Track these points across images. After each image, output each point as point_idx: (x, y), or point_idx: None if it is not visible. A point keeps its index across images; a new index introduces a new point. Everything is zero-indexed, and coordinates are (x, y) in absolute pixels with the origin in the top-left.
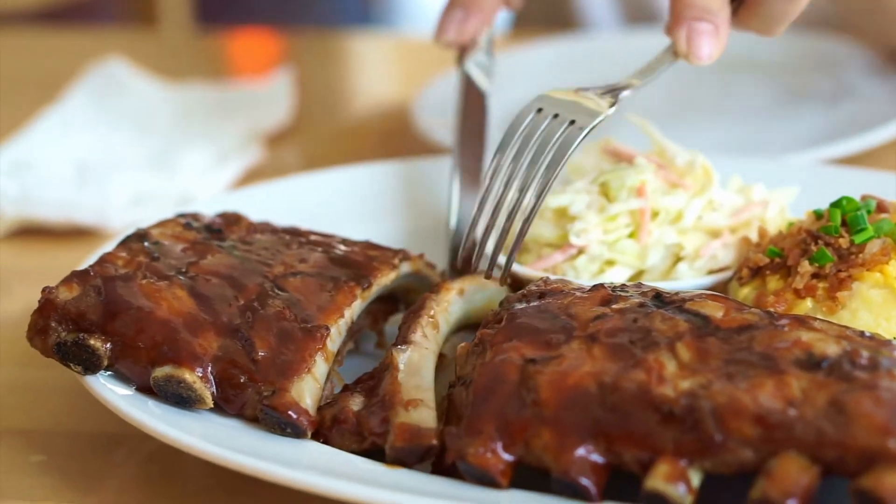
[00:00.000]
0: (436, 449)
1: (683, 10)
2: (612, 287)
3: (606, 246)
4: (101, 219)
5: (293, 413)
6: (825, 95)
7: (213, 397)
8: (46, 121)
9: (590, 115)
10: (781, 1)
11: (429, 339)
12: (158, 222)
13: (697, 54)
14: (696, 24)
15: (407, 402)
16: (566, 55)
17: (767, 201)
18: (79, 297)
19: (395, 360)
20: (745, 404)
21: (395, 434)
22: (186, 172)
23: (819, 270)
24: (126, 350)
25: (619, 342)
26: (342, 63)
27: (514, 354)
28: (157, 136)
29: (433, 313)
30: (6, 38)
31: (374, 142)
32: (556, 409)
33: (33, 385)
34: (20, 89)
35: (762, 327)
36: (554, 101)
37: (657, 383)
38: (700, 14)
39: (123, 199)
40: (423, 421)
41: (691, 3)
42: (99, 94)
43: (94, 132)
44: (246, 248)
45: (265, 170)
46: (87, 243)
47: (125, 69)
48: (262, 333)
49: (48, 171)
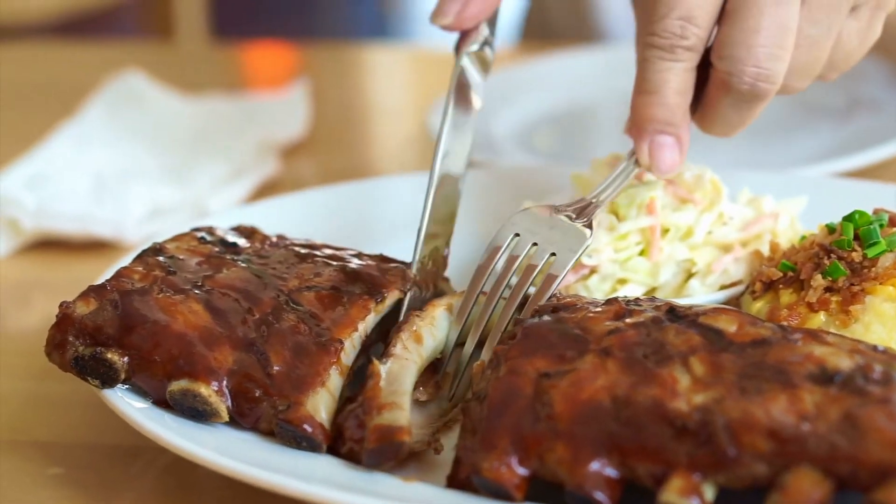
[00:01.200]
0: (408, 446)
1: (645, 124)
2: (626, 301)
3: (618, 264)
4: (119, 232)
5: (308, 427)
6: (839, 108)
7: (228, 411)
8: (64, 134)
9: (569, 248)
10: (735, 112)
11: (410, 350)
12: (174, 236)
13: (660, 167)
14: (658, 137)
15: (381, 406)
16: (588, 66)
17: (778, 213)
18: (96, 311)
19: (376, 369)
20: (759, 419)
21: (369, 437)
22: (203, 185)
23: (832, 284)
24: (143, 364)
25: (633, 356)
26: (358, 75)
27: (529, 369)
28: (173, 148)
29: (415, 328)
30: (24, 50)
31: (390, 154)
32: (571, 423)
33: (51, 398)
34: (38, 102)
35: (775, 342)
36: (530, 226)
37: (671, 397)
38: (662, 127)
39: (140, 212)
40: (394, 420)
41: (652, 116)
42: (116, 106)
43: (112, 145)
44: (261, 262)
45: (281, 182)
46: (105, 256)
47: (143, 82)
48: (277, 347)
49: (66, 183)
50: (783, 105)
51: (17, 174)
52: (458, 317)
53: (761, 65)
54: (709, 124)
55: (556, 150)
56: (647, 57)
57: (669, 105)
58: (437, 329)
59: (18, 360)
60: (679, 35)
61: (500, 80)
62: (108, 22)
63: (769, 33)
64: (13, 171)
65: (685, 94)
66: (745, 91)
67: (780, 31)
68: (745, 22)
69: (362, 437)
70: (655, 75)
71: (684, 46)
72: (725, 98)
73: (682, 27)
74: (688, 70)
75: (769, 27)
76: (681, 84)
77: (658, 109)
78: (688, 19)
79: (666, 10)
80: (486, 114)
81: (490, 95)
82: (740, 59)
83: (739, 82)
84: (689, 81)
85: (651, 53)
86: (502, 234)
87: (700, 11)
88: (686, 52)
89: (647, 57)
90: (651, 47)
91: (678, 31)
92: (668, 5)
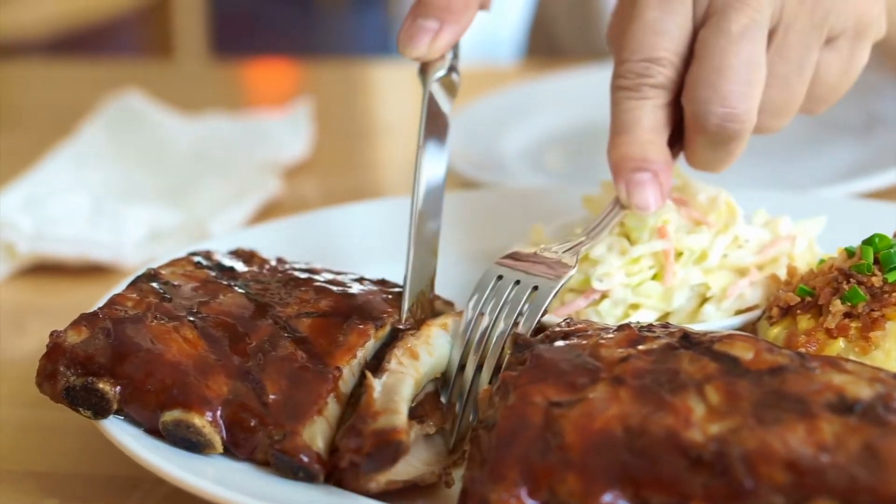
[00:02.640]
0: (405, 446)
1: (620, 163)
2: (639, 327)
3: (630, 289)
4: (117, 255)
5: (305, 457)
6: (858, 126)
7: (223, 441)
8: (62, 155)
9: (552, 278)
10: (711, 152)
11: (405, 365)
12: (170, 261)
13: (640, 205)
14: (634, 175)
15: (377, 413)
16: (596, 84)
17: (795, 236)
18: (87, 340)
19: (371, 381)
20: (776, 449)
21: (366, 442)
22: (203, 207)
23: (851, 310)
24: (135, 393)
25: (647, 384)
26: (362, 93)
27: (539, 397)
28: (173, 169)
29: (410, 345)
30: (21, 68)
31: (395, 174)
32: (582, 453)
33: (46, 425)
34: (35, 121)
35: (793, 369)
36: (513, 267)
37: (686, 427)
38: (636, 164)
39: (139, 235)
40: (389, 423)
41: (625, 154)
42: (115, 127)
43: (110, 166)
44: (258, 287)
45: (284, 203)
46: (102, 280)
47: (142, 102)
48: (274, 376)
49: (63, 206)
50: (800, 123)
51: (13, 196)
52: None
53: (728, 105)
54: (693, 163)
55: (564, 171)
56: (615, 100)
57: (642, 142)
58: (432, 346)
59: (13, 386)
60: (644, 74)
61: (506, 98)
62: (105, 39)
63: (734, 73)
64: (9, 192)
65: (658, 131)
66: (714, 132)
67: (747, 70)
68: (710, 62)
69: (360, 446)
70: (625, 115)
71: (650, 84)
72: (700, 139)
73: (646, 67)
74: (658, 107)
75: (734, 66)
76: (652, 121)
77: (630, 147)
78: (652, 60)
79: (629, 54)
80: (494, 133)
81: (497, 114)
82: (707, 99)
83: (707, 123)
84: (662, 118)
85: (619, 95)
86: (486, 278)
87: (665, 52)
88: (653, 89)
89: (616, 99)
90: (619, 89)
91: (643, 71)
92: (631, 49)
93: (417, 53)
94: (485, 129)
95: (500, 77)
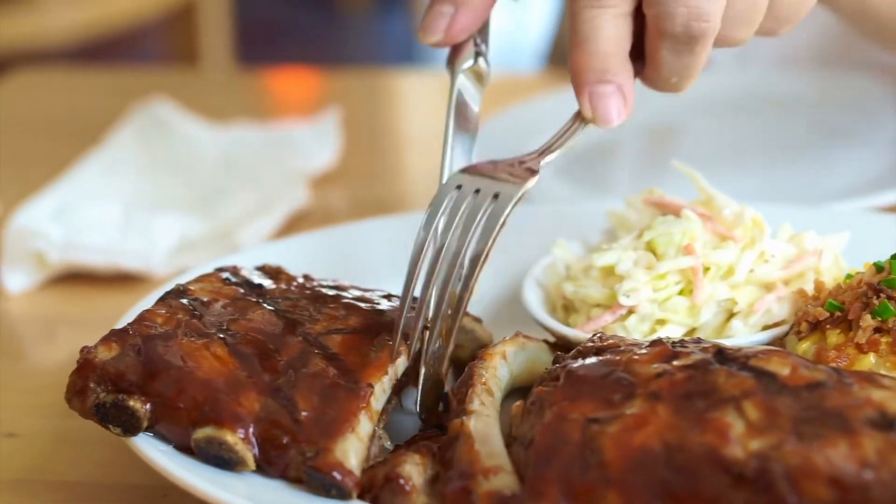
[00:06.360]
0: None
1: (583, 75)
2: (672, 342)
3: (657, 305)
4: (147, 264)
5: (338, 474)
6: (884, 137)
7: (255, 459)
8: (91, 163)
9: (513, 186)
10: (675, 58)
11: (487, 406)
12: (198, 277)
13: (604, 118)
14: (597, 87)
15: (486, 470)
16: None
17: (821, 250)
18: (118, 356)
19: (468, 428)
20: (819, 466)
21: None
22: (232, 216)
23: (882, 325)
24: (166, 411)
25: (683, 400)
26: (388, 102)
27: (575, 414)
28: (202, 178)
29: (485, 380)
30: (46, 76)
31: (422, 184)
32: (622, 470)
33: (76, 435)
34: (63, 129)
35: (831, 385)
36: (472, 177)
37: (725, 444)
38: (599, 76)
39: (169, 245)
40: (506, 486)
41: (587, 66)
42: (144, 135)
43: (139, 175)
44: (287, 304)
45: (311, 212)
46: (132, 289)
47: (170, 110)
48: (305, 392)
49: (93, 215)
50: (824, 133)
51: (43, 205)
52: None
53: (690, 4)
54: (655, 78)
55: (588, 181)
56: (575, 10)
57: (603, 53)
58: (500, 380)
59: (43, 397)
60: None
61: (529, 109)
62: (128, 47)
63: None
64: (39, 201)
65: (620, 42)
66: (679, 33)
67: None
68: None
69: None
70: (585, 25)
71: None
72: (663, 46)
73: None
74: (618, 16)
75: None
76: (613, 31)
77: (592, 58)
78: None
79: None
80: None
81: (517, 126)
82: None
83: (672, 25)
84: (623, 29)
85: (578, 5)
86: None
87: None
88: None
89: (576, 10)
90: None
91: None
92: None
93: (435, 39)
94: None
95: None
